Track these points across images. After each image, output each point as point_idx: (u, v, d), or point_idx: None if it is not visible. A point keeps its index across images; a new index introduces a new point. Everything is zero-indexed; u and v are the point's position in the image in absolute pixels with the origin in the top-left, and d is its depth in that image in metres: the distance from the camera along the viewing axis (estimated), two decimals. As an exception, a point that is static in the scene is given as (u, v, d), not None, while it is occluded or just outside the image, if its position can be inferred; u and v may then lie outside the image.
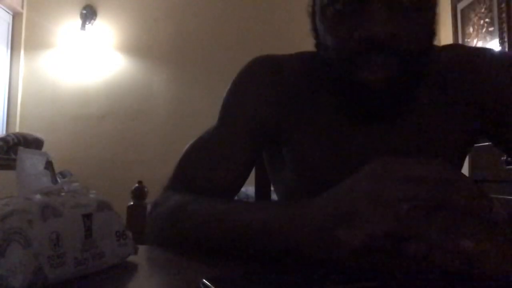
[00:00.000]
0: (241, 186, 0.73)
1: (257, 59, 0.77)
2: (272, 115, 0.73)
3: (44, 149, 2.60)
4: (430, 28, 0.64)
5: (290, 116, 0.73)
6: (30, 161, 0.44)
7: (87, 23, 3.52)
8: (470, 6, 2.78)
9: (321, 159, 0.71)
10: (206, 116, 3.75)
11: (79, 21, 3.52)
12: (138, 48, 3.56)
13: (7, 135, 2.52)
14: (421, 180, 0.40)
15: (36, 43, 3.56)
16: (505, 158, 1.89)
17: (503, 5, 2.45)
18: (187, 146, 0.75)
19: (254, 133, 0.73)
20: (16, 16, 3.55)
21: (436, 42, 0.67)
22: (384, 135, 0.70)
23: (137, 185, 1.78)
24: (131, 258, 0.49)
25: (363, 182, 0.43)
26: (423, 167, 0.41)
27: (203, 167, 0.70)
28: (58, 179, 0.46)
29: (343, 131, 0.70)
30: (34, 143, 2.55)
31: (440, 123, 0.71)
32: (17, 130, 3.36)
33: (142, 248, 0.56)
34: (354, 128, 0.70)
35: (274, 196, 1.06)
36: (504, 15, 2.44)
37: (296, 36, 3.50)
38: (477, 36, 2.71)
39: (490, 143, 0.75)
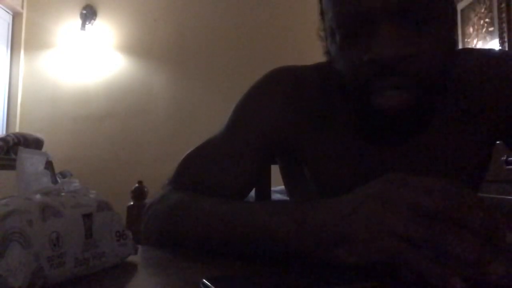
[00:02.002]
0: (246, 195, 0.72)
1: (276, 71, 0.74)
2: (288, 130, 0.71)
3: (44, 149, 2.60)
4: (448, 40, 0.60)
5: (308, 132, 0.71)
6: (30, 161, 0.44)
7: (87, 23, 3.52)
8: (470, 6, 2.78)
9: (340, 177, 0.70)
10: (206, 116, 3.74)
11: (79, 21, 3.52)
12: (138, 48, 3.56)
13: (7, 135, 2.51)
14: (422, 213, 0.41)
15: (36, 43, 3.56)
16: (505, 158, 1.88)
17: (503, 5, 2.45)
18: (191, 149, 0.73)
19: (265, 146, 0.71)
20: (16, 16, 3.55)
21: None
22: (403, 154, 0.67)
23: (137, 185, 1.78)
24: (131, 258, 0.49)
25: (366, 205, 0.44)
26: (430, 195, 0.42)
27: (210, 172, 0.69)
28: (58, 179, 0.46)
29: (361, 149, 0.68)
30: (34, 143, 2.54)
31: (459, 138, 0.68)
32: (17, 130, 3.35)
33: (142, 248, 0.56)
34: (373, 147, 0.68)
35: (274, 196, 1.06)
36: (504, 15, 2.44)
37: (296, 36, 3.51)
38: (477, 36, 2.71)
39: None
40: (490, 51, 0.75)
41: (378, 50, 0.55)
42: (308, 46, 3.55)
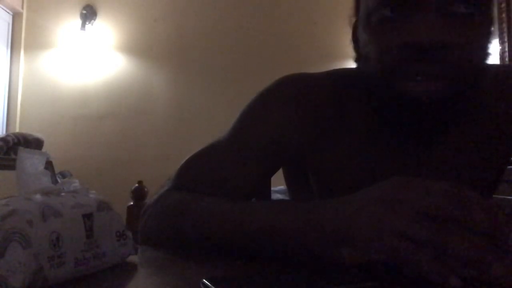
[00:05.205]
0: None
1: (286, 78, 0.72)
2: (295, 137, 0.69)
3: (44, 149, 2.60)
4: (488, 38, 0.58)
5: (317, 140, 0.69)
6: (30, 161, 0.44)
7: (87, 23, 3.52)
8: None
9: (349, 185, 0.67)
10: (206, 116, 3.73)
11: (79, 21, 3.52)
12: (138, 48, 3.56)
13: (7, 135, 2.51)
14: (425, 214, 0.41)
15: (36, 43, 3.55)
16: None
17: (503, 5, 2.45)
18: (194, 151, 0.71)
19: (271, 153, 0.68)
20: (16, 16, 3.55)
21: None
22: (418, 159, 0.66)
23: (137, 185, 1.78)
24: (131, 258, 0.49)
25: (370, 206, 0.45)
26: (433, 196, 0.42)
27: (213, 175, 0.67)
28: (58, 179, 0.46)
29: (373, 155, 0.67)
30: (34, 143, 2.54)
31: (472, 152, 0.66)
32: (17, 130, 3.35)
33: (142, 248, 0.56)
34: (386, 152, 0.66)
35: (274, 196, 1.06)
36: (504, 15, 2.44)
37: (297, 36, 3.51)
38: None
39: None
40: (507, 67, 0.75)
41: (416, 33, 0.52)
42: (310, 47, 3.55)
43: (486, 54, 0.58)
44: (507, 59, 2.41)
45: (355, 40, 0.65)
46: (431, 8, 0.53)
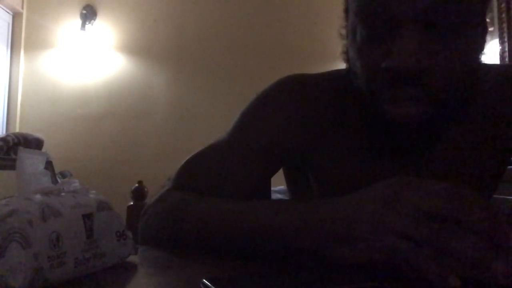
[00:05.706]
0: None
1: (286, 79, 0.72)
2: (294, 140, 0.69)
3: (44, 149, 2.59)
4: (474, 56, 0.57)
5: (317, 141, 0.69)
6: (30, 161, 0.44)
7: (87, 23, 3.52)
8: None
9: (349, 185, 0.68)
10: (206, 116, 3.73)
11: (79, 21, 3.52)
12: (138, 48, 3.56)
13: (7, 135, 2.51)
14: (425, 213, 0.41)
15: (36, 43, 3.55)
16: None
17: (503, 5, 2.45)
18: (194, 152, 0.71)
19: (271, 153, 0.68)
20: (16, 16, 3.55)
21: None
22: (417, 159, 0.65)
23: (137, 185, 1.78)
24: (131, 258, 0.49)
25: (370, 205, 0.45)
26: (433, 196, 0.42)
27: (213, 175, 0.67)
28: (58, 179, 0.46)
29: (373, 155, 0.67)
30: (34, 143, 2.54)
31: (473, 154, 0.66)
32: (17, 130, 3.35)
33: (142, 248, 0.56)
34: (385, 152, 0.66)
35: (274, 196, 1.06)
36: (504, 15, 2.44)
37: (297, 36, 3.51)
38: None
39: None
40: (508, 67, 0.75)
41: (398, 58, 0.52)
42: (310, 47, 3.55)
43: (476, 64, 0.58)
44: (507, 59, 2.41)
45: (346, 51, 0.64)
46: (411, 28, 0.52)
